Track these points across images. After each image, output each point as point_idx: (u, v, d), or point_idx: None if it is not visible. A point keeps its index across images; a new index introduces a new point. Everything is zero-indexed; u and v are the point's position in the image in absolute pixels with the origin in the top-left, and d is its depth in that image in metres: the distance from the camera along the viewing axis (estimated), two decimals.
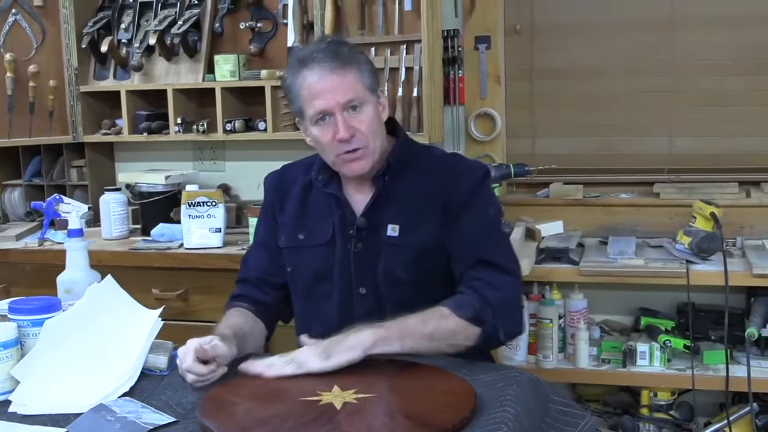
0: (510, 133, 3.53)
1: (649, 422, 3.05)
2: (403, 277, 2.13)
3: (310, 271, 2.20)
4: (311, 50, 2.08)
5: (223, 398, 1.74)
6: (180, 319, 3.05)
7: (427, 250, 2.12)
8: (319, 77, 2.04)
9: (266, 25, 3.54)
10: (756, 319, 2.87)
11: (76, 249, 2.29)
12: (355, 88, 2.05)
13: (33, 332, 1.93)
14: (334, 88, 2.03)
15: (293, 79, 2.08)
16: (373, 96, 2.11)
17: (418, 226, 2.12)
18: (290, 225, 2.23)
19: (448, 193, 2.12)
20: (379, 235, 2.13)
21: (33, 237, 3.41)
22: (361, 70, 2.08)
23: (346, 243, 2.15)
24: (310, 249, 2.19)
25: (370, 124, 2.07)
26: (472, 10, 3.42)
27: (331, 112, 2.04)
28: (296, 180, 2.28)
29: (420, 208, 2.13)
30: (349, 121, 2.04)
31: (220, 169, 3.77)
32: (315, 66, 2.04)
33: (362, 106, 2.06)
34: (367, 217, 2.15)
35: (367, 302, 2.15)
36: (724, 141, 3.35)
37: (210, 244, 3.16)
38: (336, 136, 2.04)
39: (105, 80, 3.66)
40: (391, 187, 2.15)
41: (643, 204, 3.32)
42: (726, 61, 3.31)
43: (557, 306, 3.07)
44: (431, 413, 1.60)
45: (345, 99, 2.04)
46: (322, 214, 2.20)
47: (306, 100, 2.07)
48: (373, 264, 2.14)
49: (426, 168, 2.18)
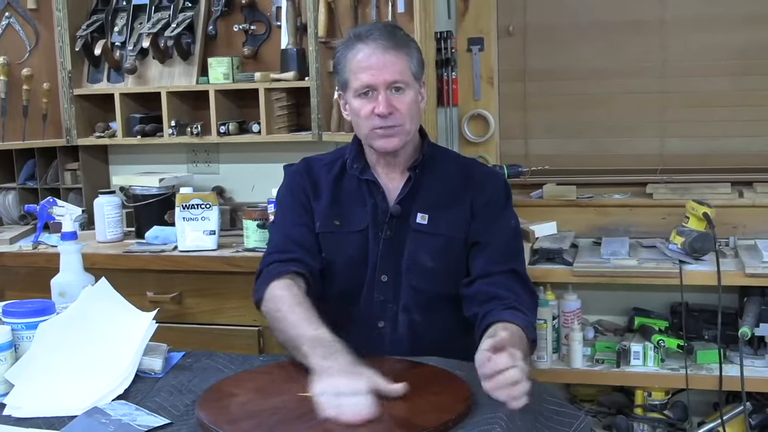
0: (503, 134, 3.54)
1: (643, 422, 3.05)
2: (428, 265, 2.21)
3: (345, 258, 2.24)
4: (368, 28, 2.18)
5: (225, 390, 1.77)
6: (174, 322, 3.05)
7: (455, 241, 2.21)
8: (371, 53, 2.13)
9: (260, 28, 3.54)
10: (749, 318, 2.88)
11: (70, 252, 2.29)
12: (403, 71, 2.14)
13: (27, 335, 1.94)
14: (383, 66, 2.12)
15: (345, 51, 2.17)
16: (417, 83, 2.19)
17: (446, 216, 2.22)
18: (325, 211, 2.26)
19: (473, 193, 2.24)
20: (408, 224, 2.21)
21: (27, 240, 3.41)
22: (412, 55, 2.17)
23: (377, 230, 2.22)
24: (347, 235, 2.24)
25: (410, 107, 2.16)
26: (465, 12, 3.43)
27: (375, 88, 2.13)
28: (322, 171, 2.32)
29: (447, 201, 2.23)
30: (390, 100, 2.13)
31: (214, 172, 3.77)
32: (370, 42, 2.13)
33: (406, 89, 2.15)
34: (400, 205, 2.22)
35: (386, 290, 2.22)
36: (716, 141, 3.36)
37: (204, 247, 3.16)
38: (375, 110, 2.12)
39: (99, 83, 3.66)
40: (421, 179, 2.23)
41: (636, 204, 3.33)
42: (717, 63, 3.32)
43: (551, 306, 3.08)
44: (417, 414, 1.61)
45: (392, 78, 2.12)
46: (356, 202, 2.26)
47: (353, 72, 2.15)
48: (399, 252, 2.21)
49: (450, 167, 2.29)
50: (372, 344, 2.20)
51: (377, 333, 2.23)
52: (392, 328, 2.22)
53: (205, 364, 2.03)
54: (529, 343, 2.02)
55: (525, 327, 2.01)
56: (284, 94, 3.43)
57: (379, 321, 2.23)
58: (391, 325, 2.22)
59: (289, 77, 3.33)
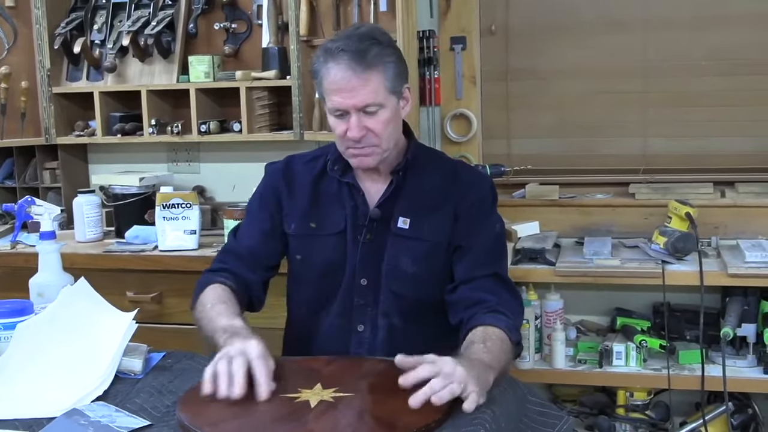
0: (486, 133, 3.53)
1: (626, 422, 3.05)
2: (409, 270, 2.18)
3: (321, 261, 2.22)
4: (341, 44, 2.06)
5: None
6: (155, 322, 3.03)
7: (437, 246, 2.18)
8: (341, 75, 2.04)
9: (241, 26, 3.52)
10: (731, 318, 2.89)
11: (48, 252, 2.28)
12: (376, 92, 2.06)
13: (5, 336, 1.92)
14: (353, 90, 2.04)
15: (319, 66, 2.11)
16: (394, 97, 2.11)
17: (428, 221, 2.18)
18: (301, 213, 2.25)
19: (458, 196, 2.20)
20: (389, 227, 2.19)
21: (5, 240, 3.38)
22: (386, 72, 2.07)
23: (356, 233, 2.19)
24: (322, 238, 2.22)
25: (384, 127, 2.09)
26: (447, 11, 3.42)
27: (346, 111, 2.07)
28: (303, 170, 2.29)
29: (430, 205, 2.20)
30: (363, 122, 2.07)
31: (194, 171, 3.75)
32: (341, 62, 2.04)
33: (380, 110, 2.08)
34: (380, 209, 2.19)
35: (366, 294, 2.20)
36: (698, 141, 3.37)
37: (185, 246, 3.14)
38: (347, 134, 2.08)
39: (78, 81, 3.63)
40: (404, 183, 2.20)
41: (619, 204, 3.33)
42: (699, 62, 3.33)
43: (533, 306, 3.08)
44: (400, 415, 1.60)
45: (362, 104, 2.05)
46: (335, 204, 2.23)
47: (326, 91, 2.10)
48: (379, 256, 2.19)
49: (436, 169, 2.25)
50: (350, 347, 2.20)
51: (357, 337, 2.21)
52: (372, 332, 2.21)
53: (186, 364, 2.02)
54: (512, 345, 2.01)
55: (507, 329, 2.00)
56: (265, 93, 3.41)
57: (359, 325, 2.21)
58: (370, 329, 2.21)
59: (270, 76, 3.32)
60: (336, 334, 2.21)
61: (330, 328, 2.22)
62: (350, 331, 2.21)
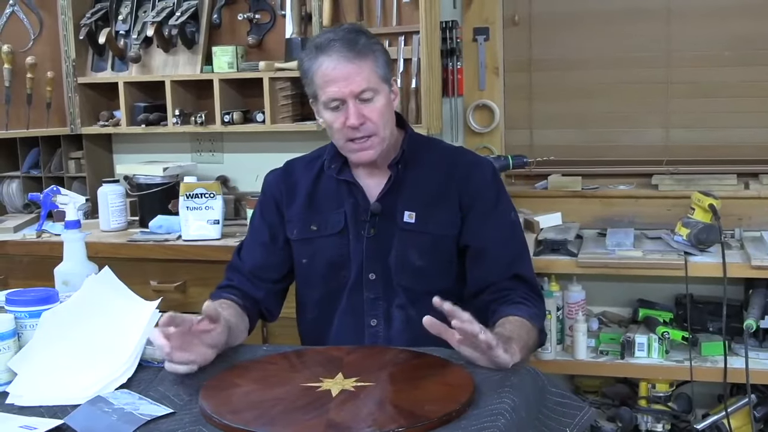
0: (508, 124, 3.53)
1: (647, 414, 3.04)
2: (417, 263, 2.18)
3: (325, 261, 2.23)
4: (329, 37, 2.11)
5: (228, 380, 1.77)
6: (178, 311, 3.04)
7: (444, 238, 2.18)
8: (334, 65, 2.08)
9: (264, 17, 3.53)
10: (754, 310, 2.87)
11: (73, 240, 2.29)
12: (369, 79, 2.09)
13: (30, 324, 1.93)
14: (348, 78, 2.07)
15: (310, 63, 2.12)
16: (386, 85, 2.14)
17: (434, 214, 2.18)
18: (301, 217, 2.25)
19: (459, 184, 2.19)
20: (394, 221, 2.18)
21: (30, 228, 3.41)
22: (377, 60, 2.12)
23: (359, 229, 2.19)
24: (324, 239, 2.23)
25: (381, 114, 2.12)
26: (470, 2, 3.41)
27: (343, 100, 2.08)
28: (302, 173, 2.30)
29: (434, 197, 2.19)
30: (360, 110, 2.09)
31: (218, 161, 3.77)
32: (332, 53, 2.08)
33: (375, 96, 2.10)
34: (381, 202, 2.19)
35: (376, 288, 2.20)
36: (722, 132, 3.35)
37: (208, 236, 3.16)
38: (347, 123, 2.09)
39: (103, 72, 3.66)
40: (404, 176, 2.20)
41: (642, 196, 3.32)
42: (722, 53, 3.31)
43: (555, 298, 3.08)
44: (421, 404, 1.60)
45: (359, 89, 2.08)
46: (334, 204, 2.23)
47: (320, 86, 2.11)
48: (386, 250, 2.19)
49: (435, 159, 2.24)
50: (364, 342, 2.20)
51: (370, 331, 2.21)
52: (386, 325, 2.20)
53: None
54: (536, 332, 2.02)
55: (529, 317, 2.01)
56: (288, 83, 3.42)
57: (371, 319, 2.21)
58: (384, 323, 2.20)
59: (293, 66, 3.32)
60: (349, 332, 2.21)
61: (342, 327, 2.23)
62: (363, 326, 2.21)
